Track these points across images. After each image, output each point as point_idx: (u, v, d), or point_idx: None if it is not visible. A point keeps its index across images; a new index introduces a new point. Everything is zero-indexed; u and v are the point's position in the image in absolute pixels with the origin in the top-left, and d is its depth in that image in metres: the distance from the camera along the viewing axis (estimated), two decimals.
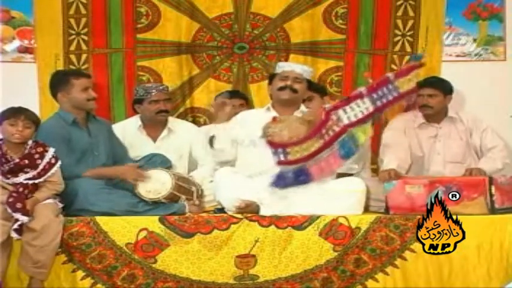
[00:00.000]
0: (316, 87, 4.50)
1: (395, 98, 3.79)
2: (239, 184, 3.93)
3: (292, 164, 3.81)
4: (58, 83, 4.09)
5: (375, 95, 3.78)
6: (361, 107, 3.78)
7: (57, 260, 3.60)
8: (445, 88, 4.48)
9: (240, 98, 4.77)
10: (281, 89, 4.15)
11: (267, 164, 3.91)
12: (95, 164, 3.99)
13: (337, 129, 3.79)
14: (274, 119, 3.95)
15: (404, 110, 4.07)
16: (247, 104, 4.84)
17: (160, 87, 4.54)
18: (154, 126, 4.55)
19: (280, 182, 3.81)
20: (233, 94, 4.74)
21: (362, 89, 3.82)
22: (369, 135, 3.86)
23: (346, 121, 3.77)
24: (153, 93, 4.46)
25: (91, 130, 4.07)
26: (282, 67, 4.25)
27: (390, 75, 3.83)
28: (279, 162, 3.82)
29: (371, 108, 3.77)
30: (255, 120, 4.12)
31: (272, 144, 3.85)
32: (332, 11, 5.06)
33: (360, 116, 3.77)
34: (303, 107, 4.23)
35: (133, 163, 4.08)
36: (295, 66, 4.27)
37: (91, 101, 4.04)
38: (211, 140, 4.18)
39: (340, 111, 3.79)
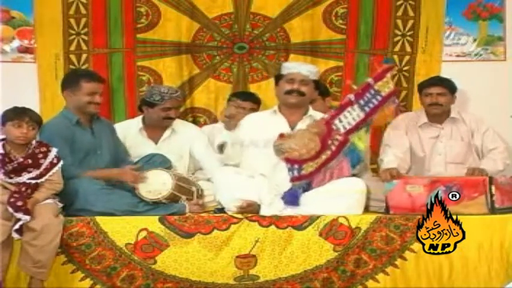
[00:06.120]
0: (319, 89, 4.46)
1: (380, 102, 3.93)
2: (239, 184, 3.92)
3: (306, 178, 3.87)
4: (67, 81, 4.10)
5: (362, 101, 3.91)
6: (353, 114, 3.93)
7: (57, 261, 3.60)
8: (452, 87, 4.50)
9: (253, 102, 4.70)
10: (288, 92, 4.12)
11: (268, 164, 3.92)
12: (98, 164, 3.99)
13: (340, 138, 3.85)
14: (281, 135, 3.92)
15: (396, 115, 4.14)
16: (259, 108, 4.75)
17: (174, 95, 4.43)
18: (156, 128, 4.52)
19: (293, 199, 3.84)
20: (247, 97, 4.72)
21: (351, 96, 3.95)
22: (365, 142, 3.92)
23: (342, 130, 3.87)
24: (168, 100, 4.38)
25: (95, 130, 4.06)
26: (288, 69, 4.18)
27: (370, 80, 3.95)
28: (293, 179, 3.86)
29: (362, 115, 3.92)
30: (260, 122, 4.15)
31: (289, 160, 3.87)
32: (332, 11, 5.07)
33: (353, 123, 3.92)
34: (311, 111, 4.21)
35: (131, 165, 4.06)
36: (301, 67, 4.19)
37: (93, 105, 4.00)
38: (221, 146, 4.15)
39: (336, 121, 3.88)
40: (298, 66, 4.21)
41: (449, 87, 4.48)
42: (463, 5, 5.09)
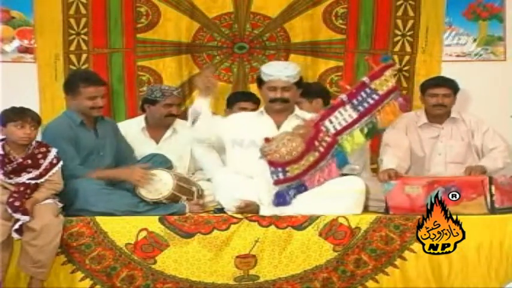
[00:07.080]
0: (303, 91, 4.27)
1: (376, 101, 3.86)
2: (239, 184, 3.92)
3: (291, 180, 3.85)
4: (67, 85, 4.10)
5: (355, 101, 3.86)
6: (344, 115, 3.87)
7: (57, 261, 3.60)
8: (456, 88, 4.50)
9: (253, 102, 4.64)
10: (272, 101, 4.07)
11: (255, 164, 3.91)
12: (99, 165, 3.98)
13: (329, 140, 3.83)
14: (266, 140, 3.91)
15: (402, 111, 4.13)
16: (258, 108, 4.73)
17: (175, 91, 4.48)
18: (158, 127, 4.53)
19: (281, 200, 3.84)
20: (247, 97, 4.71)
21: (343, 96, 3.91)
22: (358, 142, 3.89)
23: (333, 131, 3.84)
24: (169, 97, 4.42)
25: (98, 131, 4.06)
26: (268, 75, 4.05)
27: (365, 78, 3.90)
28: (277, 182, 3.85)
29: (354, 115, 3.85)
30: (250, 123, 4.13)
31: (272, 163, 3.86)
32: (332, 11, 5.06)
33: (344, 124, 3.87)
34: (297, 110, 4.17)
35: (138, 164, 4.06)
36: (281, 73, 4.03)
37: (95, 110, 3.97)
38: (194, 120, 4.13)
39: (327, 122, 3.85)
40: (277, 73, 4.05)
41: (453, 87, 4.48)
42: (463, 5, 5.09)
